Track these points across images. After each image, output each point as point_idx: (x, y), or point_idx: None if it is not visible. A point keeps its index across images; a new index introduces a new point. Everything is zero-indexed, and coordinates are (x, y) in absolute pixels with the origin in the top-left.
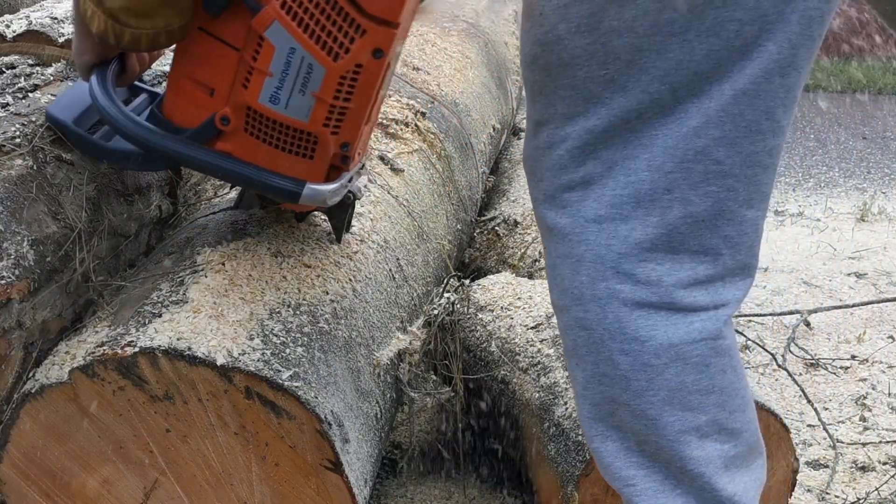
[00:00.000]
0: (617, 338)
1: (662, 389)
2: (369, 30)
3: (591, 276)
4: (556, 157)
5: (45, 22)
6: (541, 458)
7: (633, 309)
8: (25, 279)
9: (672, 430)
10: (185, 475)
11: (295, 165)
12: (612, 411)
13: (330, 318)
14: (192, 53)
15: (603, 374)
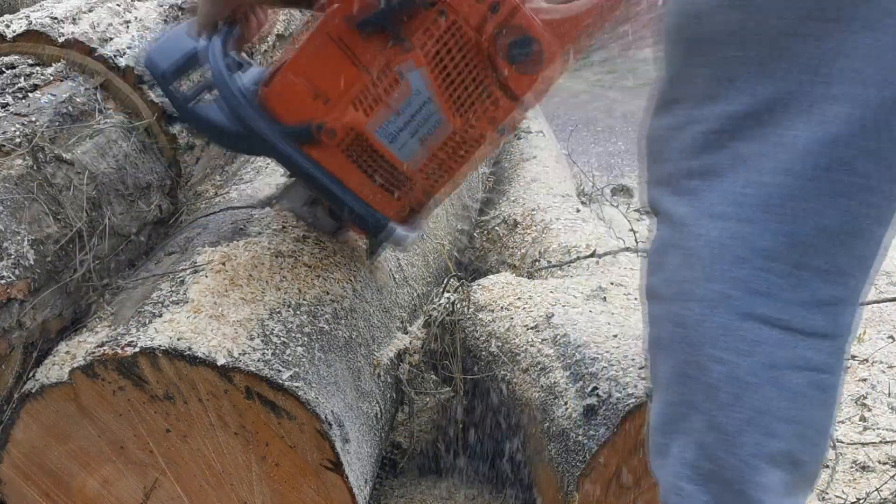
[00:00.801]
0: (717, 345)
1: (748, 409)
2: (500, 102)
3: (702, 274)
4: (685, 140)
5: (45, 22)
6: (541, 458)
7: (742, 319)
8: (25, 279)
9: (745, 452)
10: (185, 475)
11: (378, 197)
12: (686, 415)
13: (330, 318)
14: (319, 58)
15: (688, 377)
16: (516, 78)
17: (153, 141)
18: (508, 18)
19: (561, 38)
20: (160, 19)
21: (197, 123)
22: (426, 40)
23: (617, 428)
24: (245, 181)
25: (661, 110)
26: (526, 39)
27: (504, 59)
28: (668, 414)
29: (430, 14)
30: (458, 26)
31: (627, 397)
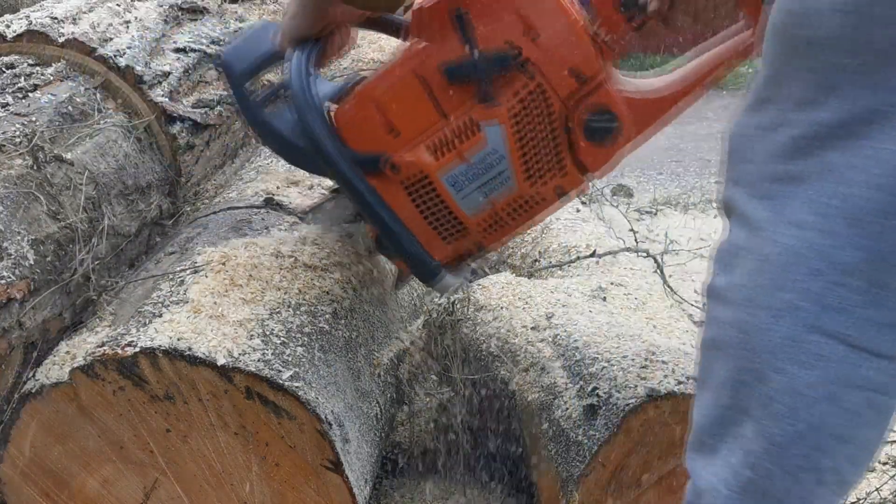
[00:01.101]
0: (778, 355)
1: (801, 422)
2: (569, 172)
3: (774, 281)
4: (774, 142)
5: (45, 22)
6: (541, 458)
7: (809, 332)
8: (25, 279)
9: (792, 464)
10: (186, 475)
11: (430, 238)
12: (737, 420)
13: (330, 318)
14: (401, 94)
15: (744, 384)
16: (590, 151)
17: (153, 141)
18: (592, 91)
19: (641, 119)
20: (160, 19)
21: (263, 131)
22: (511, 99)
23: (617, 428)
24: (245, 181)
25: (753, 109)
26: (606, 114)
27: (581, 131)
28: (717, 417)
29: (519, 74)
30: (543, 90)
31: (627, 397)
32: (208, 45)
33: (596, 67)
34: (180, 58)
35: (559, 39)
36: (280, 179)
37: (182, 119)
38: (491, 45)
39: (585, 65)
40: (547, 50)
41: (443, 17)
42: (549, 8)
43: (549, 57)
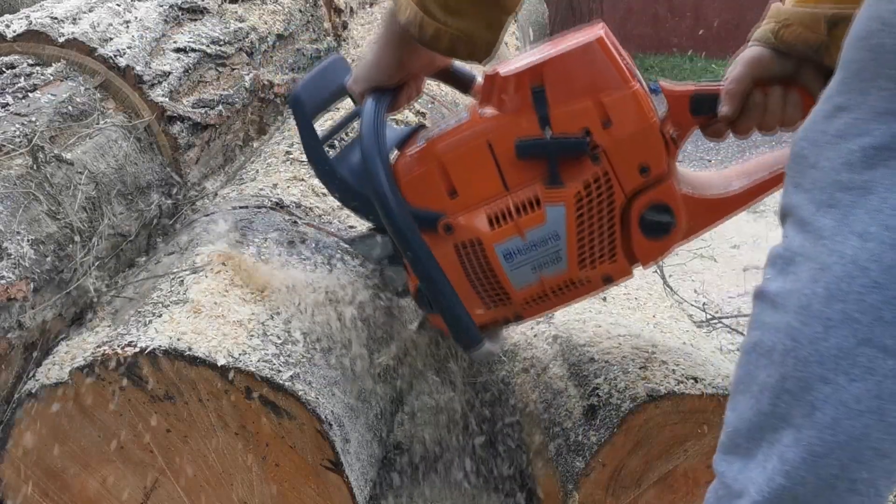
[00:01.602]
0: (826, 364)
1: (843, 433)
2: (619, 261)
3: (830, 291)
4: (845, 150)
5: (45, 22)
6: (541, 459)
7: (861, 344)
8: (25, 279)
9: (828, 472)
10: (186, 475)
11: (470, 300)
12: (775, 427)
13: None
14: (465, 157)
15: (787, 391)
16: (643, 244)
17: (153, 141)
18: (655, 185)
19: (697, 220)
20: (160, 19)
21: (324, 171)
22: (577, 183)
23: (617, 428)
24: (245, 181)
25: (827, 116)
26: (664, 211)
27: (637, 224)
28: (756, 422)
29: (589, 161)
30: (609, 180)
31: (627, 397)
32: (208, 45)
33: (663, 165)
34: (180, 58)
35: (633, 134)
36: (282, 179)
37: (182, 119)
38: (566, 129)
39: (654, 162)
40: (619, 142)
41: (521, 89)
42: (628, 100)
43: (621, 149)
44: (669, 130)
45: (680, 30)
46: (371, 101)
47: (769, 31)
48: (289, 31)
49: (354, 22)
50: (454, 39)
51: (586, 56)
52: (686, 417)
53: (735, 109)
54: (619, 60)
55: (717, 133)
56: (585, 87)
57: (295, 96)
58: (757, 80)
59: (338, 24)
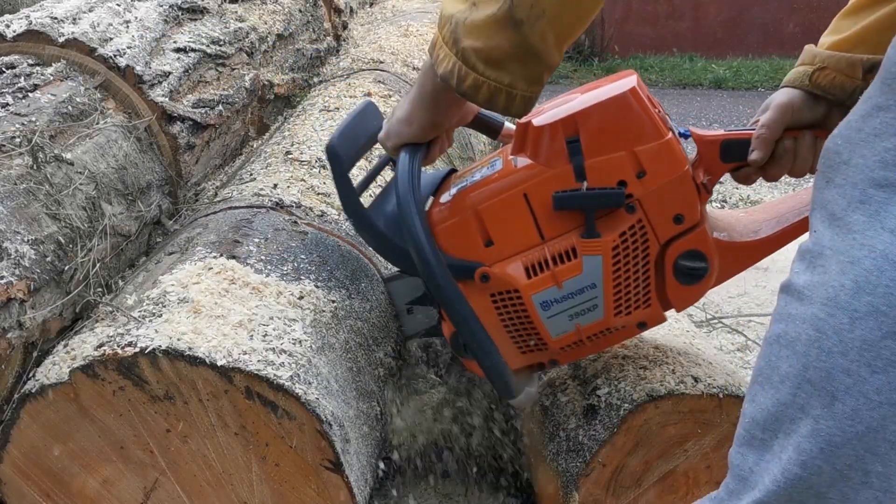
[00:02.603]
0: (849, 356)
1: (862, 424)
2: (653, 307)
3: (859, 284)
4: (880, 148)
5: (45, 22)
6: (541, 458)
7: (886, 337)
8: (25, 279)
9: (843, 463)
10: (186, 475)
11: (506, 347)
12: (794, 418)
13: (330, 318)
14: (501, 207)
15: (808, 381)
16: (677, 290)
17: (153, 141)
18: (687, 231)
19: (730, 265)
20: (160, 19)
21: (361, 223)
22: (613, 234)
23: (617, 428)
24: (245, 181)
25: (865, 114)
26: (697, 255)
27: (671, 271)
28: (774, 413)
29: (622, 210)
30: (644, 230)
31: (627, 397)
32: (208, 45)
33: (697, 213)
34: (180, 58)
35: (667, 184)
36: (282, 179)
37: (182, 119)
38: (602, 180)
39: (688, 210)
40: (654, 192)
41: (555, 140)
42: (662, 151)
43: (656, 199)
44: (700, 177)
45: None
46: (405, 157)
47: (804, 74)
48: (289, 31)
49: (354, 22)
50: (493, 92)
51: (620, 107)
52: (686, 417)
53: (765, 156)
54: (652, 110)
55: (747, 178)
56: (620, 138)
57: (331, 149)
58: (788, 125)
59: (338, 24)
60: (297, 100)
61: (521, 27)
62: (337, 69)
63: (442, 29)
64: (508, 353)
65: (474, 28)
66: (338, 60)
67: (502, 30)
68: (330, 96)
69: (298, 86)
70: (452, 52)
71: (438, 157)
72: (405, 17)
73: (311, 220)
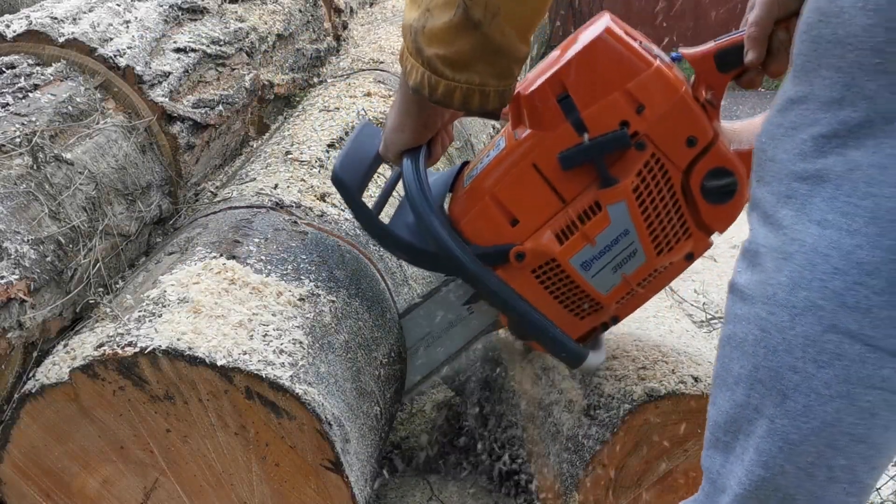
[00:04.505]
0: (794, 353)
1: (816, 419)
2: (694, 236)
3: (794, 280)
4: (798, 141)
5: (45, 22)
6: (541, 458)
7: (827, 331)
8: (25, 279)
9: (804, 460)
10: (186, 475)
11: (564, 318)
12: (750, 419)
13: (330, 318)
14: (515, 184)
15: (759, 381)
16: (712, 212)
17: (153, 141)
18: (706, 152)
19: None
20: (160, 19)
21: (386, 241)
22: (630, 175)
23: (617, 428)
24: (245, 181)
25: (781, 109)
26: (722, 172)
27: (700, 195)
28: (732, 415)
29: (632, 150)
30: (660, 162)
31: (627, 397)
32: (208, 45)
33: (708, 131)
34: (180, 58)
35: (670, 111)
36: (282, 179)
37: (182, 119)
38: (602, 127)
39: (699, 131)
40: (658, 122)
41: (547, 102)
42: (654, 81)
43: (662, 129)
44: (703, 95)
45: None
46: (408, 161)
47: None
48: (289, 31)
49: (354, 22)
50: (466, 94)
51: (598, 51)
52: (686, 417)
53: (761, 54)
54: (632, 44)
55: (751, 82)
56: (607, 80)
57: (336, 178)
58: (777, 17)
59: (338, 24)
60: (297, 100)
61: (480, 27)
62: (337, 69)
63: (405, 38)
64: (568, 323)
65: (434, 35)
66: (338, 60)
67: (462, 33)
68: (330, 96)
69: (298, 86)
70: (419, 63)
71: (443, 153)
72: None
73: (311, 220)
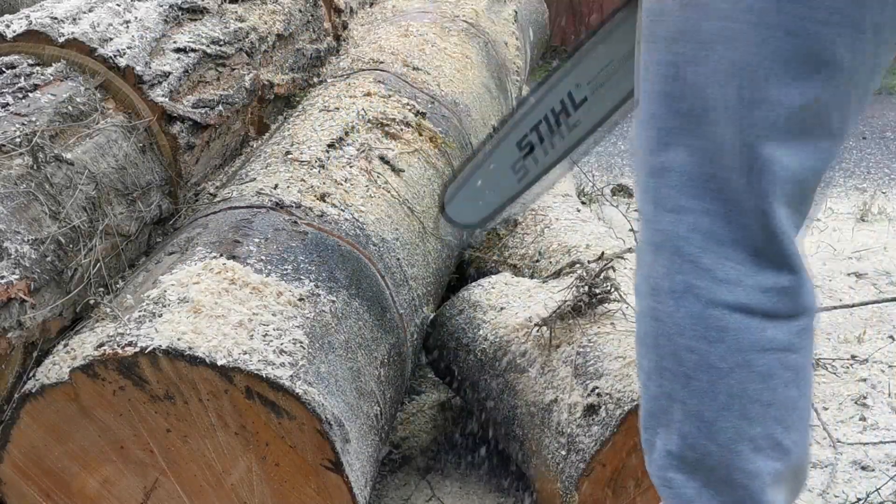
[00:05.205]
0: (686, 334)
1: (723, 394)
2: None
3: (667, 267)
4: (645, 137)
5: (45, 22)
6: (541, 458)
7: (708, 307)
8: (25, 279)
9: (725, 437)
10: (186, 475)
11: None
12: (666, 408)
13: (330, 318)
14: None
15: (665, 369)
16: None
17: (153, 141)
18: None
19: None
20: (160, 19)
21: None
22: None
23: (617, 428)
24: (245, 181)
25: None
26: None
27: None
28: (649, 408)
29: None
30: None
31: (627, 397)
32: (208, 45)
33: None
34: (180, 58)
35: None
36: (282, 179)
37: (182, 119)
38: None
39: None
40: None
41: None
42: None
43: None
44: None
45: None
46: None
47: None
48: (289, 31)
49: (354, 22)
50: None
51: None
52: None
53: None
54: None
55: None
56: None
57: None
58: None
59: (338, 24)
60: (297, 100)
61: None
62: (337, 69)
63: None
64: None
65: None
66: (338, 60)
67: None
68: (330, 96)
69: (298, 86)
70: None
71: None
72: (405, 17)
73: (311, 220)
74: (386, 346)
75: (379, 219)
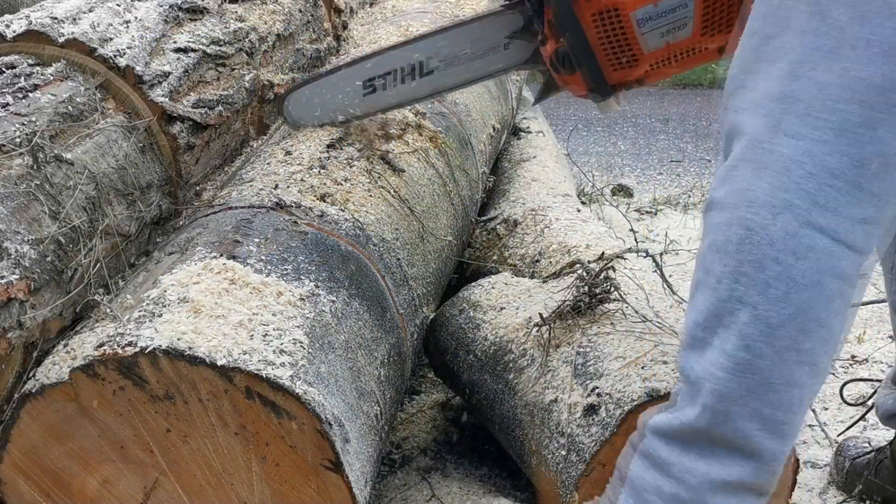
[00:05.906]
0: (776, 246)
1: (793, 305)
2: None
3: (772, 184)
4: (776, 69)
5: (45, 22)
6: (541, 459)
7: (802, 226)
8: (25, 279)
9: (781, 344)
10: (186, 475)
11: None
12: (733, 310)
13: (330, 318)
14: None
15: (743, 274)
16: None
17: (153, 141)
18: None
19: None
20: (160, 19)
21: None
22: None
23: (617, 428)
24: (245, 181)
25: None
26: None
27: None
28: (713, 310)
29: None
30: None
31: (627, 397)
32: (208, 45)
33: None
34: (180, 58)
35: None
36: (282, 179)
37: (182, 119)
38: None
39: None
40: None
41: None
42: None
43: None
44: None
45: None
46: None
47: None
48: (289, 31)
49: (354, 22)
50: None
51: None
52: None
53: None
54: None
55: None
56: None
57: None
58: None
59: (338, 24)
60: None
61: None
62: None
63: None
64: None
65: None
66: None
67: None
68: None
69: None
70: None
71: None
72: (405, 17)
73: (311, 220)
74: (386, 346)
75: (379, 219)
